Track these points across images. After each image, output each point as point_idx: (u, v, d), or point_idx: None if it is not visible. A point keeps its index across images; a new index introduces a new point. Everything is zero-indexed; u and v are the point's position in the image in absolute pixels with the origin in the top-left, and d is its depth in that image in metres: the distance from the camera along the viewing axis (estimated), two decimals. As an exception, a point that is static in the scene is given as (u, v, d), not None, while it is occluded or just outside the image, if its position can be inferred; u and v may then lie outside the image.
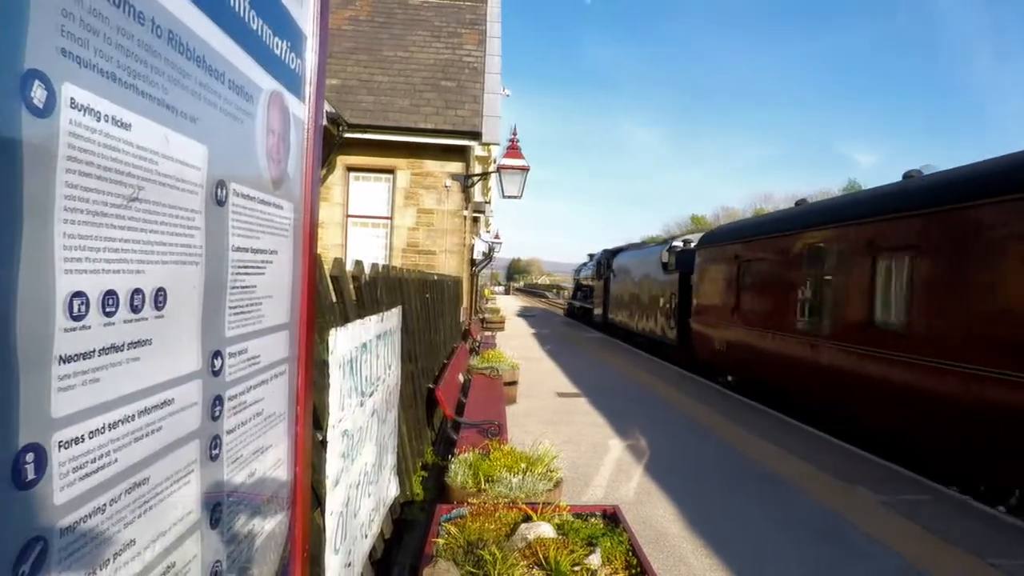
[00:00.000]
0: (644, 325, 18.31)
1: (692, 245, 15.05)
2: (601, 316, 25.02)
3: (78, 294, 0.63)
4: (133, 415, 0.73)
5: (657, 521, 4.78)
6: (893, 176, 8.31)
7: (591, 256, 30.25)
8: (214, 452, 0.96)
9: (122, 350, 0.71)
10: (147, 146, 0.74)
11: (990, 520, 5.15)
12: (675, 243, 16.87)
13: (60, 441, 0.61)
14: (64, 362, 0.61)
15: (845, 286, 8.05)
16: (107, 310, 0.68)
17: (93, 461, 0.66)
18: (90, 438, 0.65)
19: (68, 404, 0.62)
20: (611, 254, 24.80)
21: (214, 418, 0.96)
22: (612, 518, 3.33)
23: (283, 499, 1.32)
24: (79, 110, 0.62)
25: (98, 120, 0.65)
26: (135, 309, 0.73)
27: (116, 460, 0.70)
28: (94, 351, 0.66)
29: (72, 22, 0.61)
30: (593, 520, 3.31)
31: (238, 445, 1.05)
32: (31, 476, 0.57)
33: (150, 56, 0.74)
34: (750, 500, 5.34)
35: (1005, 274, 5.76)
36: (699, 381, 11.93)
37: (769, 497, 5.45)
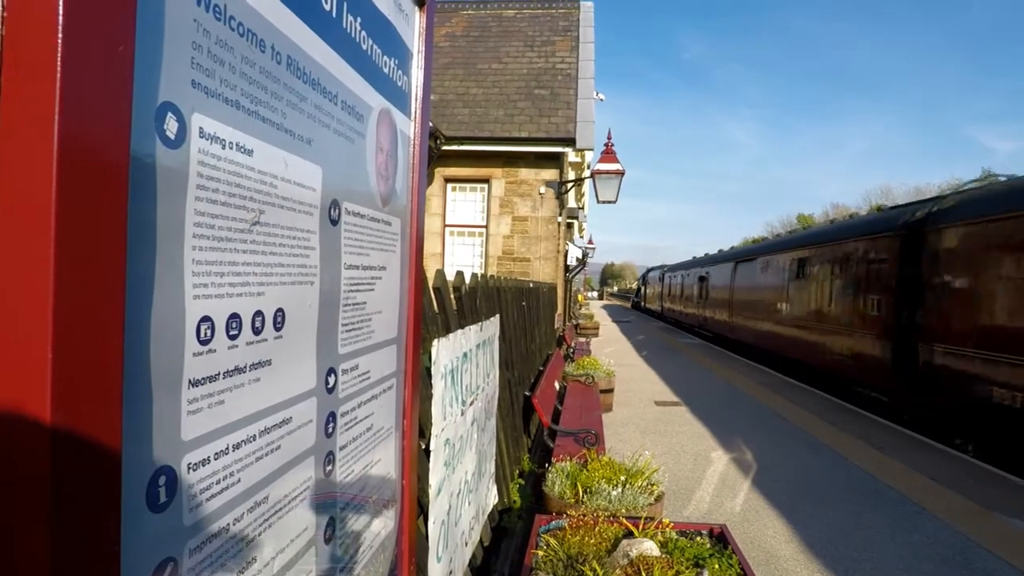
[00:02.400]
0: (652, 307, 42.81)
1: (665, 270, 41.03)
2: (643, 305, 51.05)
3: (205, 318, 0.64)
4: (255, 435, 0.74)
5: (766, 541, 4.49)
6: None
7: (648, 270, 55.33)
8: (328, 468, 0.98)
9: (245, 371, 0.72)
10: (268, 170, 0.76)
11: None
12: (665, 266, 39.10)
13: (190, 463, 0.62)
14: (193, 386, 0.62)
15: (683, 289, 30.61)
16: (231, 333, 0.69)
17: (219, 482, 0.67)
18: (215, 459, 0.67)
19: (197, 427, 0.63)
20: (647, 272, 52.17)
21: (328, 435, 0.97)
22: (720, 538, 3.15)
23: (391, 511, 1.34)
24: (207, 139, 0.64)
25: (223, 148, 0.67)
26: (256, 331, 0.74)
27: (239, 480, 0.71)
28: (219, 374, 0.67)
29: (201, 53, 0.62)
30: (699, 539, 3.15)
31: (350, 460, 1.07)
32: (164, 499, 0.58)
33: (271, 82, 0.76)
34: (869, 521, 4.89)
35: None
36: (809, 393, 11.16)
37: (891, 518, 4.97)
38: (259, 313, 0.75)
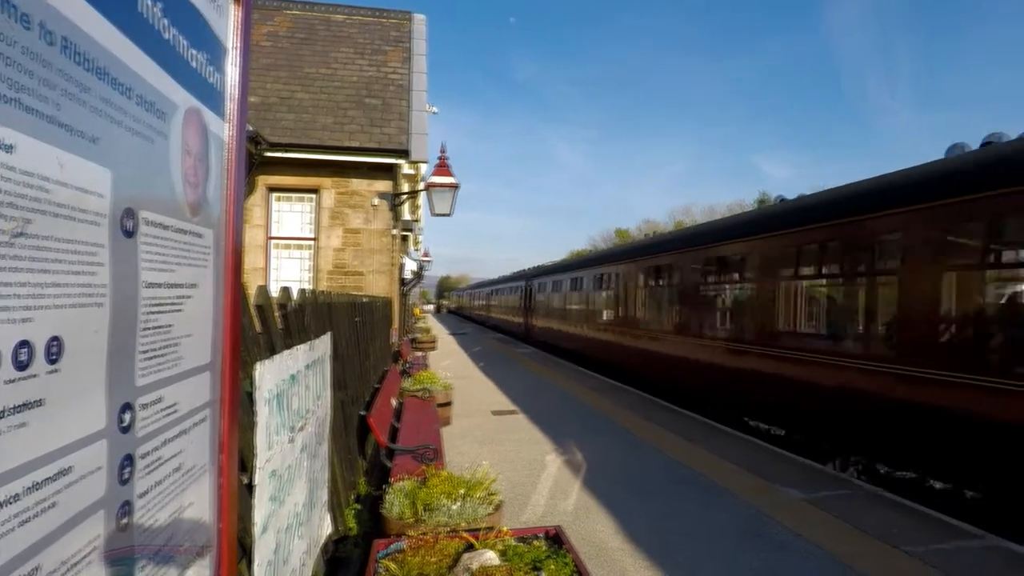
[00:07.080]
0: (453, 311, 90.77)
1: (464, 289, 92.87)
2: (450, 310, 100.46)
3: (-57, 354, 0.51)
4: (17, 494, 0.60)
5: (597, 536, 4.78)
6: (804, 189, 10.30)
7: (453, 291, 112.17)
8: (123, 521, 0.83)
9: (3, 417, 0.58)
10: (36, 171, 0.63)
11: (901, 509, 5.51)
12: (457, 289, 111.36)
13: (-83, 542, 0.48)
14: (-77, 441, 0.49)
15: (456, 299, 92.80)
16: (-18, 371, 0.56)
17: (-37, 560, 0.53)
18: (-41, 531, 0.53)
19: (-72, 494, 0.49)
20: (455, 290, 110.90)
21: (123, 482, 0.83)
22: (555, 539, 3.27)
23: (207, 560, 1.18)
24: (-57, 129, 0.51)
25: (-30, 141, 0.54)
26: (21, 366, 0.61)
27: (-4, 553, 0.57)
28: (-36, 423, 0.53)
29: (-67, 23, 0.50)
30: (536, 543, 3.25)
31: (153, 508, 0.92)
32: None
33: (39, 66, 0.63)
34: (684, 506, 5.46)
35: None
36: (625, 391, 12.16)
37: (701, 501, 5.62)
38: (24, 344, 0.61)
